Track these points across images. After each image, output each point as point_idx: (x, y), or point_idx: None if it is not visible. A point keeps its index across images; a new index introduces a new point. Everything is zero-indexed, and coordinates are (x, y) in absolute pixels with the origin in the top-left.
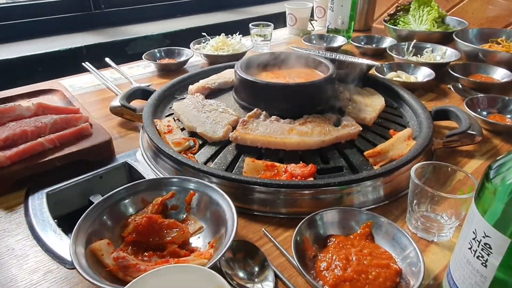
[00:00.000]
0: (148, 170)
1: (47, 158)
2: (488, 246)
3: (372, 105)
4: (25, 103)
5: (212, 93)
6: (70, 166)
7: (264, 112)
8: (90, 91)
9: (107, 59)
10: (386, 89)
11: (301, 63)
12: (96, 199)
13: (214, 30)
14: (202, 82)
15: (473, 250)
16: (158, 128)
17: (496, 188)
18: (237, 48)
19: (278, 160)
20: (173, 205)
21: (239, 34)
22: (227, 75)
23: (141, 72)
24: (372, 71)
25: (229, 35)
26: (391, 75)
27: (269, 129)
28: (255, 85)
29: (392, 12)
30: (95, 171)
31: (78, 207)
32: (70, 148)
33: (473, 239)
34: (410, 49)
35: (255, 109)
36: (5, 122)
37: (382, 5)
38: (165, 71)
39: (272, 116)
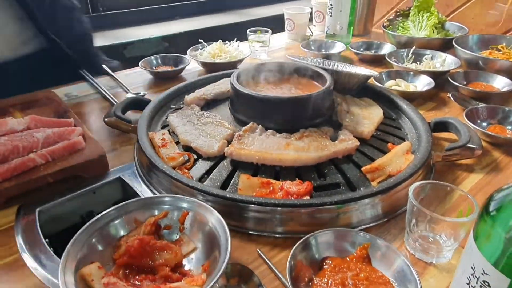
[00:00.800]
0: (142, 185)
1: (39, 175)
2: (487, 284)
3: (370, 117)
4: (18, 115)
5: (208, 104)
6: (63, 182)
7: (260, 126)
8: (86, 100)
9: (104, 66)
10: (385, 99)
11: (298, 73)
12: (89, 217)
13: (213, 33)
14: (197, 93)
15: (471, 286)
16: (152, 141)
17: (496, 223)
18: (234, 55)
19: (275, 175)
20: (166, 225)
21: (236, 40)
22: (224, 85)
23: (137, 79)
24: (371, 79)
25: (227, 41)
26: (390, 84)
27: (265, 144)
28: (251, 98)
29: (391, 17)
30: (88, 187)
31: (71, 223)
32: (63, 163)
33: (472, 274)
34: (410, 56)
35: (251, 123)
36: None
37: (381, 9)
38: (161, 79)
39: (268, 130)
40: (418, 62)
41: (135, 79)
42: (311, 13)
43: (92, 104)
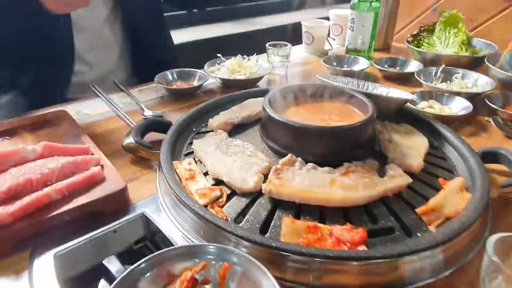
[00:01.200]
0: (168, 223)
1: (55, 213)
2: None
3: (415, 147)
4: (28, 136)
5: (235, 128)
6: (80, 219)
7: (299, 158)
8: (98, 120)
9: (116, 82)
10: (423, 124)
11: (333, 96)
12: (110, 263)
13: (222, 42)
14: (223, 117)
15: None
16: (178, 172)
17: None
18: (254, 70)
19: (319, 217)
20: (204, 279)
21: (256, 55)
22: (251, 108)
23: (152, 96)
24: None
25: (245, 56)
26: (423, 105)
27: (307, 181)
28: (287, 126)
29: (415, 32)
30: (109, 226)
31: (90, 266)
32: (81, 198)
33: None
34: (439, 74)
35: (289, 155)
36: (7, 167)
37: (399, 22)
38: (178, 95)
39: (308, 164)
40: (448, 82)
41: (149, 96)
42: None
43: (106, 124)
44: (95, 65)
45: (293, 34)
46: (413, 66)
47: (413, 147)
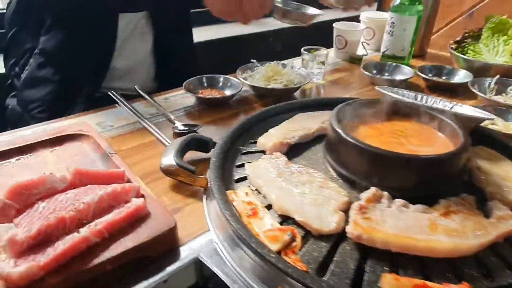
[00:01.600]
0: (226, 267)
1: (95, 262)
2: None
3: (510, 178)
4: (48, 155)
5: (290, 149)
6: (122, 266)
7: (385, 193)
8: (123, 133)
9: (137, 87)
10: (499, 146)
11: (407, 114)
12: None
13: (235, 42)
14: (277, 136)
15: None
16: (236, 205)
17: None
18: (291, 78)
19: (421, 271)
20: None
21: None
22: (303, 124)
23: (179, 105)
24: None
25: (279, 61)
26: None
27: (402, 223)
28: (368, 153)
29: (458, 38)
30: (158, 276)
31: None
32: (124, 241)
33: None
34: (492, 86)
35: (373, 189)
36: (34, 201)
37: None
38: (208, 105)
39: (396, 200)
40: (504, 94)
41: (176, 104)
42: None
43: (134, 139)
44: (129, 55)
45: (316, 35)
46: (461, 75)
47: (508, 178)
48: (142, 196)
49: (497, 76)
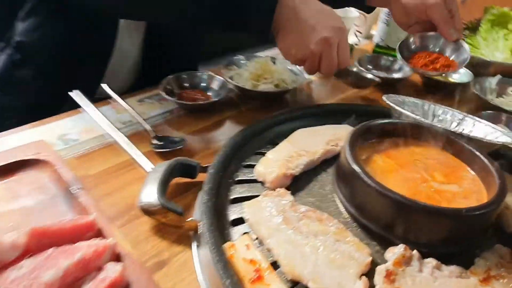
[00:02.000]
0: None
1: None
2: None
3: None
4: (9, 234)
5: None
6: None
7: (415, 252)
8: (90, 150)
9: (104, 86)
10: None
11: (423, 136)
12: None
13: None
14: (278, 165)
15: None
16: (235, 264)
17: None
18: (283, 77)
19: None
20: None
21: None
22: (310, 147)
23: (156, 109)
24: None
25: (269, 56)
26: None
27: None
28: (394, 202)
29: None
30: None
31: None
32: None
33: None
34: (493, 86)
35: (402, 249)
36: None
37: None
38: (189, 110)
39: (427, 260)
40: (504, 96)
41: (153, 110)
42: None
43: (104, 159)
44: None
45: None
46: (462, 74)
47: None
48: (119, 256)
49: (499, 76)
